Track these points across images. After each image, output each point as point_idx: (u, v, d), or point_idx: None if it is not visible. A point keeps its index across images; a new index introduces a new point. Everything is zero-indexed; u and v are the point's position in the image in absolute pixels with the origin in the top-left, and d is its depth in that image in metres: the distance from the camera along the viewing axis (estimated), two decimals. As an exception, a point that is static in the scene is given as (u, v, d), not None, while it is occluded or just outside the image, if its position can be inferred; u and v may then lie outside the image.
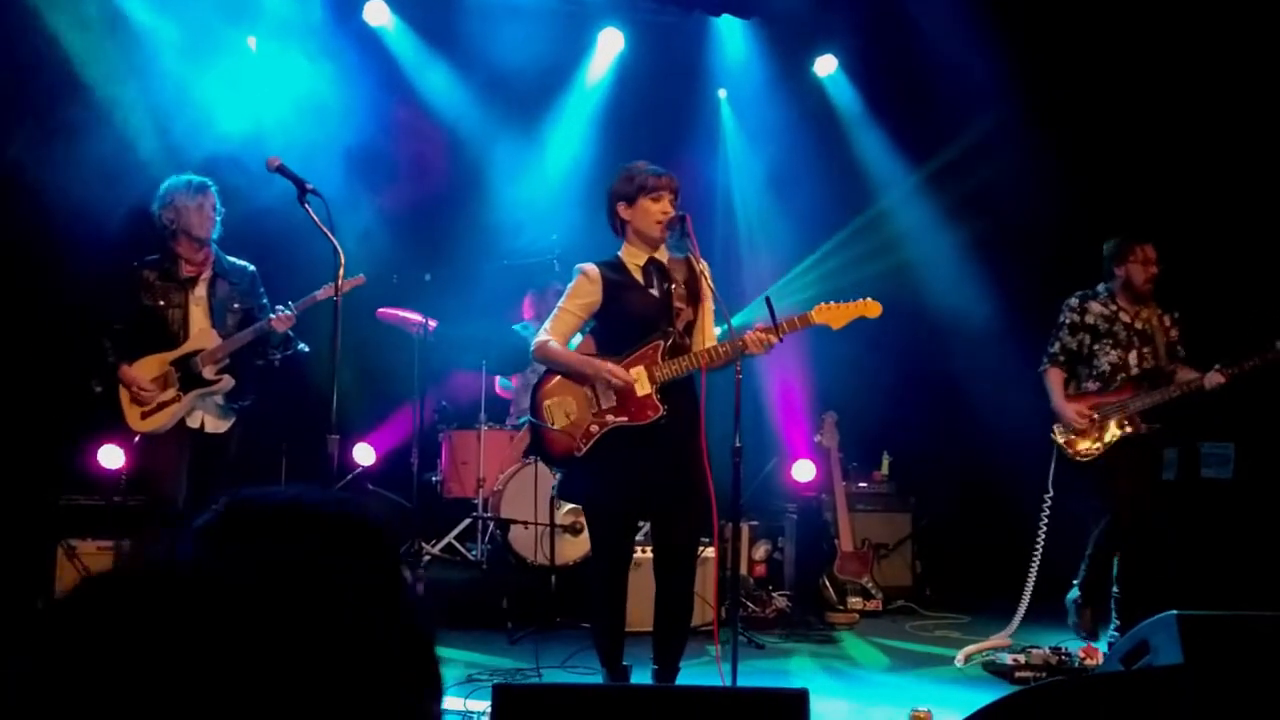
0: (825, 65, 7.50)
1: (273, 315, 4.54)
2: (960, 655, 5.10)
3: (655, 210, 3.80)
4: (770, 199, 7.58)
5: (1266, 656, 2.59)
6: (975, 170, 6.94)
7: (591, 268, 3.86)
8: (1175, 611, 2.59)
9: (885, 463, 7.06)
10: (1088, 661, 4.68)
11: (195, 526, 0.85)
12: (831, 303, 3.83)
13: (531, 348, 3.94)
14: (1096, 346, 5.05)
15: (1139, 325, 5.07)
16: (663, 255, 3.91)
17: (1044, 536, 5.14)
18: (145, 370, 4.52)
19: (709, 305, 3.95)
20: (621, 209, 3.86)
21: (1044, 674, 4.56)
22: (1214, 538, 6.19)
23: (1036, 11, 6.45)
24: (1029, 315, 5.95)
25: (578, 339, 3.98)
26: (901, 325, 7.27)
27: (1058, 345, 5.10)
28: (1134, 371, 5.02)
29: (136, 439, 4.55)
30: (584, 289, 3.84)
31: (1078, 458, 5.01)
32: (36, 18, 5.60)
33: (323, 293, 4.49)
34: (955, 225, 7.21)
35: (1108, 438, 4.96)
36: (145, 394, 4.49)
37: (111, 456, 5.59)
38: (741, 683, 3.66)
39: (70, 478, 5.62)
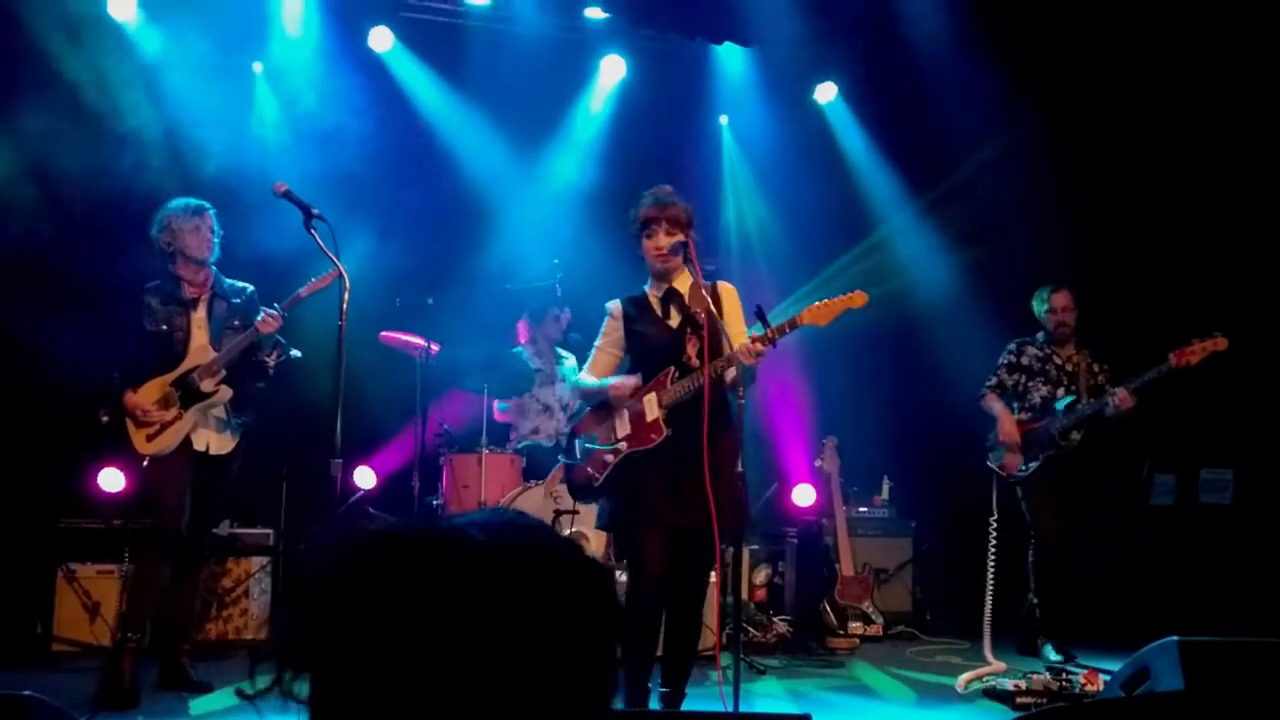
0: (825, 92, 7.56)
1: (258, 320, 4.55)
2: (961, 681, 5.09)
3: (649, 246, 3.90)
4: (771, 225, 7.63)
5: (1267, 682, 2.60)
6: (975, 197, 6.99)
7: (616, 305, 4.04)
8: (1176, 637, 2.59)
9: (885, 488, 7.07)
10: (1089, 687, 4.67)
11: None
12: (819, 301, 3.81)
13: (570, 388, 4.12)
14: (1030, 384, 5.78)
15: (1069, 367, 5.75)
16: (683, 284, 3.96)
17: (994, 558, 5.41)
18: (147, 395, 4.54)
19: (734, 325, 3.92)
20: (638, 246, 3.98)
21: (1045, 699, 4.55)
22: (1213, 563, 6.20)
23: (1036, 39, 6.51)
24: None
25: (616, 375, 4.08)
26: (902, 350, 7.32)
27: (995, 380, 5.86)
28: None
29: (144, 462, 4.55)
30: (609, 326, 4.05)
31: (1009, 476, 5.67)
32: (37, 41, 5.66)
33: (306, 289, 4.50)
34: (955, 251, 7.25)
35: (1036, 458, 5.62)
36: (148, 415, 4.50)
37: (112, 479, 5.59)
38: (744, 708, 3.67)
39: (70, 501, 5.62)
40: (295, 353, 4.76)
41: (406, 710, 0.80)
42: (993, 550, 5.39)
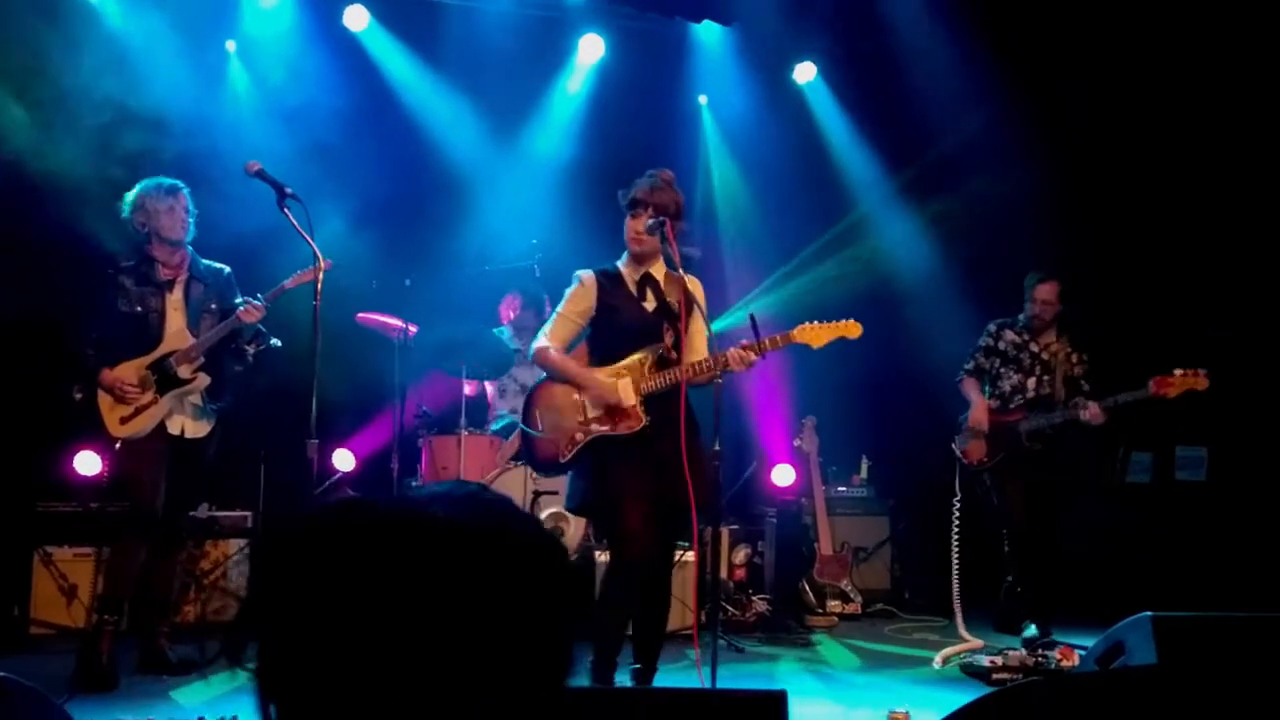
0: (805, 72, 7.54)
1: (241, 308, 4.51)
2: (938, 657, 5.14)
3: (631, 227, 3.89)
4: (750, 204, 7.61)
5: (1240, 657, 2.62)
6: (954, 176, 7.00)
7: (588, 275, 3.95)
8: (1150, 613, 2.62)
9: (864, 467, 7.10)
10: (1064, 663, 4.73)
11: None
12: (814, 322, 3.91)
13: (531, 351, 4.00)
14: (1003, 370, 5.68)
15: (1045, 356, 5.63)
16: (659, 271, 3.97)
17: (958, 537, 5.54)
18: (124, 374, 4.49)
19: (699, 321, 3.98)
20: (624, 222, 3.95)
21: (1021, 675, 4.60)
22: (1187, 539, 6.27)
23: (1015, 18, 6.50)
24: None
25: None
26: (880, 330, 7.30)
27: (973, 362, 5.78)
28: (1030, 395, 5.60)
29: (117, 445, 4.51)
30: (580, 295, 3.94)
31: (972, 465, 5.62)
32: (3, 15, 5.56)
33: (291, 281, 4.48)
34: (934, 231, 7.26)
35: (998, 455, 5.57)
36: (127, 393, 4.45)
37: (88, 463, 5.54)
38: (721, 686, 3.68)
39: (46, 484, 5.57)
40: (275, 341, 4.71)
41: (358, 684, 0.80)
42: (956, 531, 5.50)
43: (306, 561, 0.83)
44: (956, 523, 5.51)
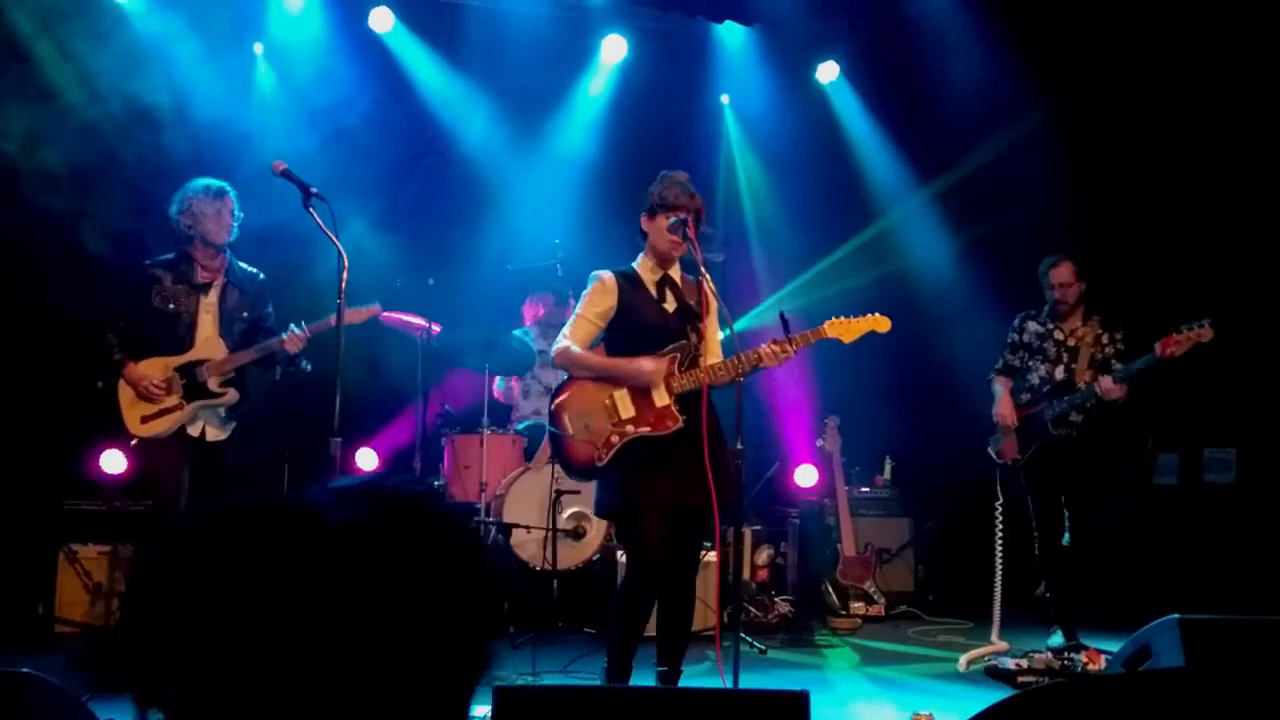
0: (827, 72, 7.51)
1: (284, 335, 4.50)
2: (963, 660, 5.10)
3: (663, 228, 3.82)
4: (774, 205, 7.59)
5: (1268, 660, 2.59)
6: (979, 176, 6.95)
7: (608, 275, 3.88)
8: (1177, 615, 2.59)
9: (888, 467, 7.06)
10: (1090, 666, 4.68)
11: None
12: (843, 317, 3.91)
13: (552, 353, 3.94)
14: (1030, 363, 5.52)
15: (1071, 342, 5.43)
16: (675, 274, 3.95)
17: (1001, 541, 5.40)
18: (151, 370, 4.49)
19: (714, 322, 3.97)
20: (644, 219, 3.88)
21: (1046, 678, 4.56)
22: (1216, 542, 6.19)
23: (1042, 18, 6.45)
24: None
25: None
26: (905, 330, 7.26)
27: (1002, 361, 5.62)
28: (1056, 383, 5.42)
29: (134, 442, 4.50)
30: (600, 296, 3.86)
31: (1007, 463, 5.48)
32: (35, 20, 5.63)
33: (339, 319, 4.11)
34: (959, 231, 7.22)
35: (1029, 448, 5.40)
36: (151, 391, 4.44)
37: (113, 461, 5.59)
38: (743, 686, 3.66)
39: (72, 482, 5.62)
40: (306, 365, 4.67)
41: (240, 695, 0.77)
42: (1000, 535, 5.34)
43: (186, 567, 0.80)
44: (1000, 526, 5.35)
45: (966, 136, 6.96)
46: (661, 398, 3.76)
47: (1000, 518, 5.40)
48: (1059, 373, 5.41)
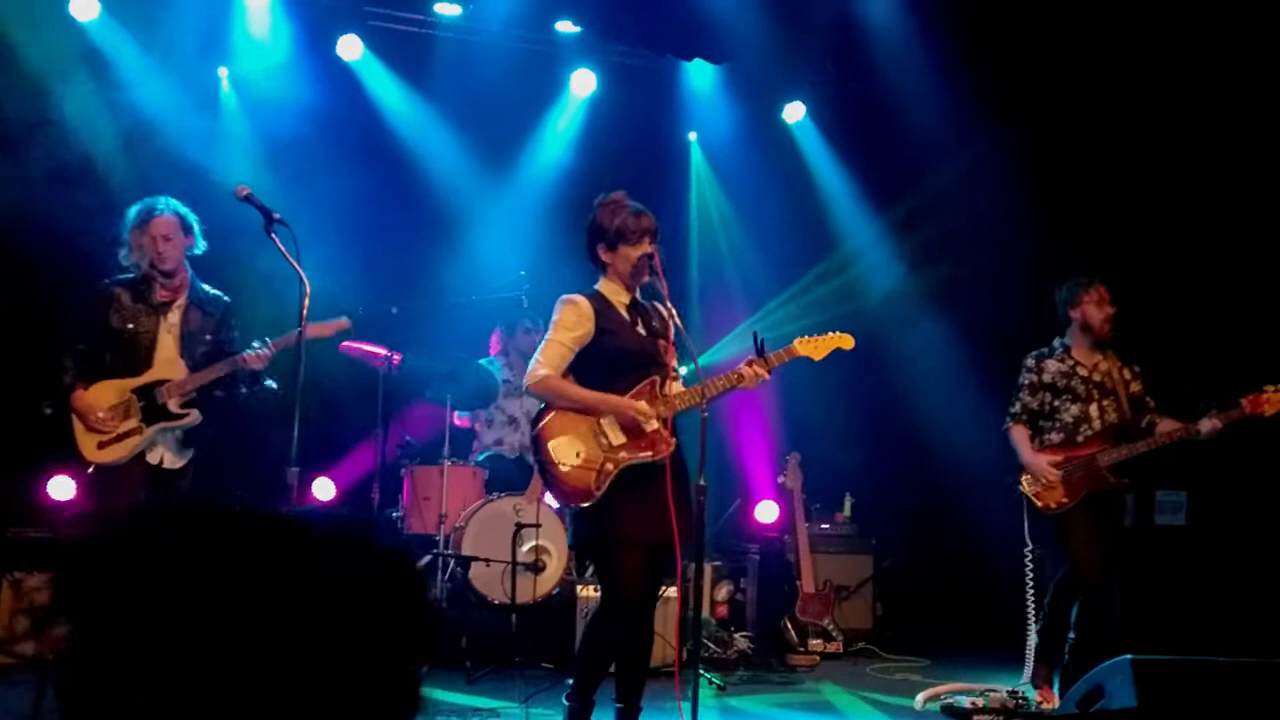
0: (794, 112, 7.62)
1: (246, 352, 4.39)
2: (920, 698, 5.11)
3: (633, 254, 3.73)
4: (740, 241, 7.66)
5: (1218, 700, 2.62)
6: (941, 215, 7.06)
7: (581, 299, 3.73)
8: (1130, 656, 2.62)
9: (848, 504, 7.09)
10: (1044, 705, 4.71)
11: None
12: (810, 335, 3.96)
13: (527, 382, 3.77)
14: (1057, 403, 5.04)
15: (1097, 378, 5.04)
16: (637, 296, 3.92)
17: (1032, 590, 5.10)
18: (102, 396, 4.33)
19: (672, 349, 3.96)
20: (601, 251, 3.77)
21: (1001, 717, 4.58)
22: (1167, 583, 6.27)
23: (1005, 55, 6.56)
24: (993, 359, 6.03)
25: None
26: (866, 368, 7.36)
27: (1019, 405, 5.10)
28: (1096, 425, 4.99)
29: (90, 469, 4.37)
30: (575, 320, 3.70)
31: (1046, 510, 4.95)
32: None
33: (310, 332, 4.18)
34: (921, 269, 7.31)
35: (1080, 494, 4.91)
36: (100, 423, 4.30)
37: (61, 488, 5.46)
38: (701, 724, 3.64)
39: (17, 509, 5.48)
40: (271, 384, 4.56)
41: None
42: (1030, 584, 5.11)
43: (100, 579, 0.80)
44: (1030, 573, 5.07)
45: (931, 175, 7.07)
46: (650, 422, 3.67)
47: (1031, 563, 5.08)
48: (1095, 411, 5.00)
